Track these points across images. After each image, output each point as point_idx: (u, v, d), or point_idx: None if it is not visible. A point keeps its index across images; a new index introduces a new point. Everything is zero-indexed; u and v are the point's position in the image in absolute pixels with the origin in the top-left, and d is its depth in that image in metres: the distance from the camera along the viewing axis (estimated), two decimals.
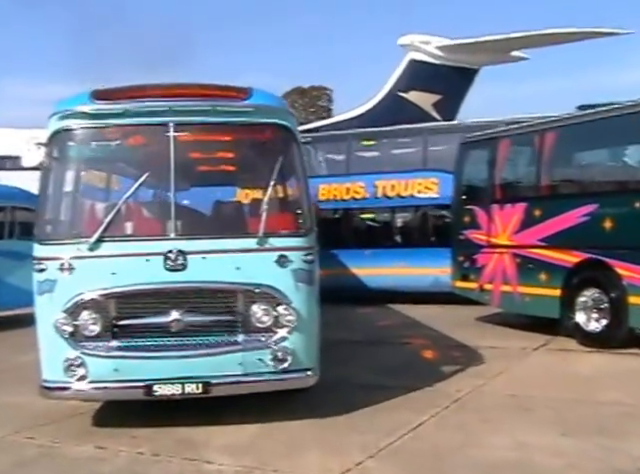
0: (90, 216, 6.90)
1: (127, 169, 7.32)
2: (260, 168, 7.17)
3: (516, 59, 43.13)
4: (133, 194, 6.53)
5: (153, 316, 6.30)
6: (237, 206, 7.59)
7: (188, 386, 6.29)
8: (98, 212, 6.87)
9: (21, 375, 9.34)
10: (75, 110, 6.50)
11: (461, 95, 43.17)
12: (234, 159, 7.93)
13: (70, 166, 6.80)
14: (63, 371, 6.32)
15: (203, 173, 8.31)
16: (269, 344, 6.37)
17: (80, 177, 6.94)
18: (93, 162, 7.10)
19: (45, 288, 6.35)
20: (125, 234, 6.58)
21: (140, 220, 6.92)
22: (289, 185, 6.74)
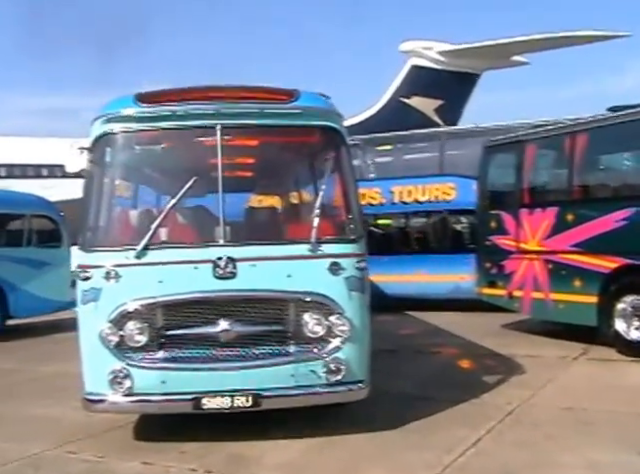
0: (136, 222, 6.65)
1: (173, 173, 7.06)
2: (309, 172, 6.93)
3: (517, 64, 43.20)
4: (180, 199, 6.26)
5: (201, 326, 6.05)
6: (287, 211, 7.34)
7: (238, 399, 6.03)
8: (144, 218, 6.62)
9: (49, 385, 9.17)
10: (119, 113, 6.26)
11: (463, 100, 43.22)
12: (282, 163, 7.70)
13: (114, 171, 6.54)
14: (108, 383, 6.06)
15: (251, 177, 8.06)
16: (321, 355, 6.13)
17: (125, 182, 6.70)
18: (138, 166, 6.85)
19: (90, 297, 6.10)
20: (172, 241, 6.33)
21: (187, 226, 6.69)
22: (339, 189, 6.48)
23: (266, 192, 9.00)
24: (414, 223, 17.20)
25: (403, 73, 41.26)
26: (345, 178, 6.49)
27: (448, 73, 40.81)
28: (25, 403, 8.23)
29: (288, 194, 8.38)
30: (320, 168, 6.45)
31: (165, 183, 7.19)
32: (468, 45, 40.28)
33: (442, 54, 40.64)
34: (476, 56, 41.15)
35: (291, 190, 8.21)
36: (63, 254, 15.20)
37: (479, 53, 40.53)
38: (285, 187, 8.47)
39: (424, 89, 40.39)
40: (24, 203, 14.99)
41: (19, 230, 14.59)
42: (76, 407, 7.61)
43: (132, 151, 6.49)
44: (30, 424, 7.29)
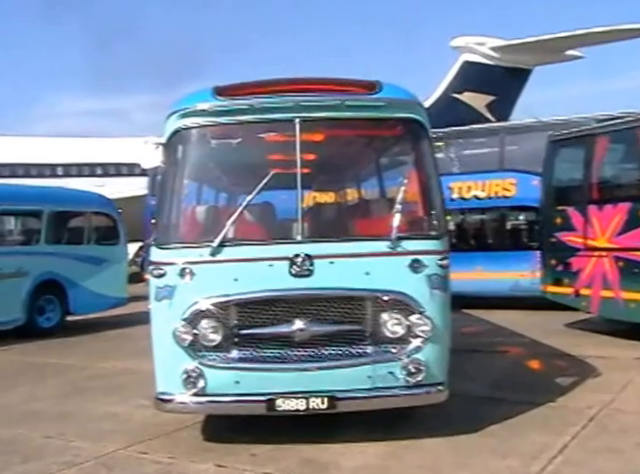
0: (211, 218, 6.49)
1: (251, 168, 6.90)
2: (392, 166, 6.71)
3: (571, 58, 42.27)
4: (257, 195, 6.10)
5: (276, 325, 5.88)
6: (366, 206, 7.12)
7: (313, 401, 5.85)
8: (220, 214, 6.49)
9: (112, 382, 9.14)
10: (195, 108, 6.11)
11: (515, 95, 42.47)
12: (364, 156, 7.49)
13: (190, 166, 6.40)
14: (181, 383, 5.93)
15: (331, 171, 7.87)
16: (401, 356, 5.91)
17: (201, 178, 6.56)
18: (214, 162, 6.70)
19: (164, 294, 5.97)
20: (248, 237, 6.17)
21: (264, 223, 6.51)
22: (422, 184, 6.25)
23: (345, 187, 8.81)
24: (472, 219, 16.91)
25: (455, 69, 40.71)
26: (428, 172, 6.25)
27: (500, 68, 40.15)
28: (91, 400, 8.18)
29: (367, 189, 8.15)
30: (402, 161, 6.23)
31: (241, 178, 7.03)
32: (521, 40, 39.55)
33: (494, 50, 39.99)
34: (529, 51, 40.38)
35: (370, 184, 7.99)
36: (121, 251, 15.31)
37: (532, 48, 39.76)
38: (364, 182, 8.24)
39: (476, 85, 39.81)
40: (84, 200, 15.10)
41: (79, 227, 14.72)
42: (141, 405, 7.65)
43: (208, 146, 6.33)
44: (99, 422, 7.21)
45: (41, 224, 13.80)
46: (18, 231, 14.91)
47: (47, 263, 13.70)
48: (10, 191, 14.61)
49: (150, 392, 8.06)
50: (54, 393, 8.66)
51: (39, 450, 6.37)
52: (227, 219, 6.05)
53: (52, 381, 9.38)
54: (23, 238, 14.53)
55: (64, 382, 9.31)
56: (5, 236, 14.20)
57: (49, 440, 6.64)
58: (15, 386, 9.15)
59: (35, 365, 10.79)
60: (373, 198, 7.72)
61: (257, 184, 6.08)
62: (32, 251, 13.70)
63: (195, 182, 6.56)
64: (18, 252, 13.61)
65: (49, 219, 13.83)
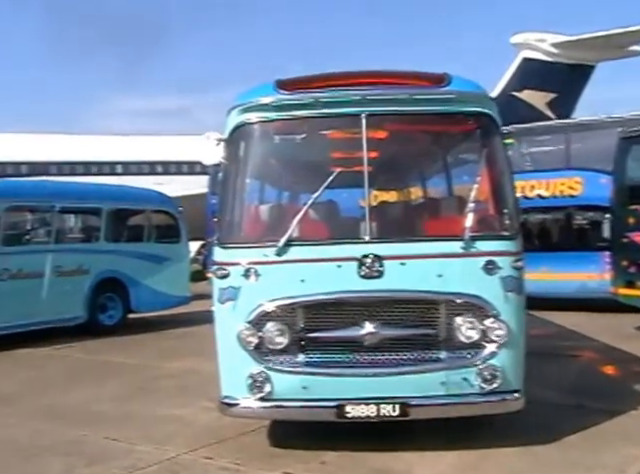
0: (275, 217, 6.31)
1: (315, 165, 6.71)
2: (462, 162, 6.44)
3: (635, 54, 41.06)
4: (323, 193, 5.89)
5: (345, 329, 5.66)
6: (435, 205, 6.86)
7: (384, 407, 5.62)
8: (284, 213, 6.31)
9: (176, 383, 9.05)
10: (258, 102, 5.92)
11: (577, 93, 41.47)
12: (431, 152, 7.23)
13: (253, 162, 6.22)
14: (246, 387, 5.76)
15: (398, 168, 7.62)
16: (475, 362, 5.64)
17: (263, 174, 6.38)
18: (277, 158, 6.52)
19: (228, 296, 5.81)
20: (315, 237, 5.97)
21: (330, 222, 6.30)
22: (494, 181, 5.97)
23: (412, 184, 8.55)
24: (536, 219, 16.43)
25: (514, 66, 39.92)
26: (500, 169, 5.97)
27: (561, 65, 39.22)
28: (156, 402, 8.09)
29: (435, 186, 7.89)
30: (473, 158, 5.96)
31: (304, 175, 6.83)
32: (584, 36, 38.58)
33: (556, 46, 39.07)
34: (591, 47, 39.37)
35: (439, 182, 7.73)
36: (182, 249, 15.29)
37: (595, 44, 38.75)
38: (432, 179, 7.99)
39: (536, 82, 38.97)
40: (144, 198, 15.11)
41: (140, 226, 14.76)
42: (205, 408, 7.52)
43: (271, 142, 6.15)
44: (163, 425, 7.10)
45: (101, 222, 13.88)
46: (78, 229, 15.01)
47: (108, 261, 13.77)
48: (70, 189, 14.73)
49: (214, 394, 7.97)
50: (118, 393, 8.61)
51: (103, 453, 6.28)
52: (292, 218, 5.86)
53: (116, 381, 9.33)
54: (83, 236, 14.62)
55: (128, 382, 9.26)
56: (66, 233, 14.26)
57: (113, 443, 6.56)
58: (80, 385, 9.14)
59: (99, 364, 10.80)
60: (442, 196, 7.43)
61: (321, 181, 5.87)
62: (92, 249, 13.80)
63: (257, 179, 6.38)
64: (79, 250, 13.71)
65: (109, 217, 13.89)
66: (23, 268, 12.54)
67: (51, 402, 8.26)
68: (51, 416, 7.61)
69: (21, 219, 13.85)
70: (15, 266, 12.42)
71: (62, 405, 8.12)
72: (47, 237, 13.33)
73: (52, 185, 15.70)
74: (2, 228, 12.48)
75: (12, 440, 6.76)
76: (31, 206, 13.44)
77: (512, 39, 40.19)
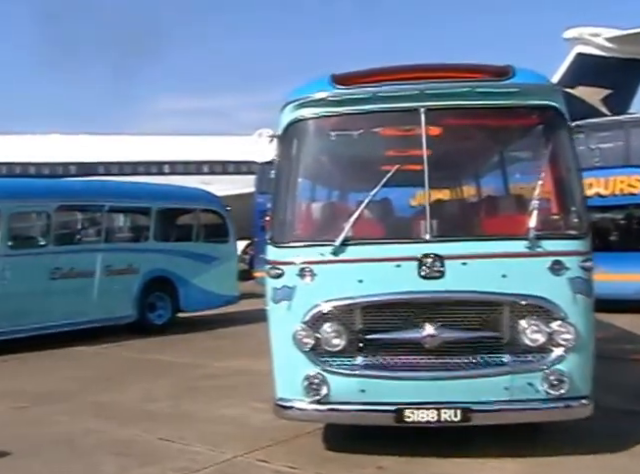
0: (331, 215, 6.15)
1: (371, 161, 6.54)
2: (527, 158, 6.20)
3: None
4: (380, 190, 5.70)
5: (404, 330, 5.47)
6: (497, 202, 6.62)
7: (445, 412, 5.41)
8: (340, 211, 6.14)
9: (227, 383, 8.98)
10: (313, 97, 5.76)
11: (633, 88, 40.44)
12: (494, 148, 6.99)
13: (307, 159, 6.06)
14: (302, 390, 5.61)
15: (459, 165, 7.40)
16: (541, 366, 5.39)
17: (318, 171, 6.22)
18: (332, 154, 6.34)
19: (282, 295, 5.66)
20: (372, 236, 5.80)
21: (389, 220, 6.12)
22: (561, 178, 5.72)
23: (473, 181, 8.31)
24: (595, 218, 15.96)
25: (567, 62, 39.15)
26: (568, 165, 5.71)
27: (617, 60, 38.26)
28: (207, 401, 8.00)
29: (498, 183, 7.64)
30: (541, 153, 5.71)
31: (361, 172, 6.65)
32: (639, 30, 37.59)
33: (610, 40, 38.14)
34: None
35: (501, 179, 7.48)
36: (230, 249, 15.24)
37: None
38: (494, 176, 7.73)
39: (590, 78, 38.09)
40: (194, 198, 15.09)
41: (189, 225, 14.74)
42: (258, 408, 7.42)
43: (326, 138, 5.97)
44: (216, 425, 7.00)
45: (150, 221, 13.90)
46: (128, 228, 15.03)
47: (156, 260, 13.78)
48: (120, 188, 14.79)
49: (265, 394, 7.85)
50: (169, 392, 8.55)
51: (156, 453, 6.20)
52: (348, 216, 5.69)
53: (167, 380, 9.29)
54: (133, 235, 14.62)
55: (178, 381, 9.20)
56: (115, 233, 14.29)
57: (166, 443, 6.47)
58: (131, 384, 9.10)
59: (149, 362, 10.78)
60: (505, 194, 7.18)
61: (378, 178, 5.70)
62: (142, 248, 13.81)
63: (312, 176, 6.22)
64: (128, 249, 13.73)
65: (158, 216, 13.90)
66: (74, 267, 12.61)
67: (103, 401, 8.24)
68: (103, 415, 7.57)
69: (71, 219, 13.92)
70: (66, 265, 12.50)
71: (114, 404, 8.09)
72: (97, 236, 13.39)
73: (102, 185, 15.79)
74: (53, 228, 12.59)
75: (65, 438, 6.72)
76: (81, 206, 13.49)
77: (565, 34, 39.41)
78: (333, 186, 6.69)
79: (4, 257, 11.71)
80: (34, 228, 13.44)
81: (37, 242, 12.70)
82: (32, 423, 7.31)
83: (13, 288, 11.66)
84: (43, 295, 12.04)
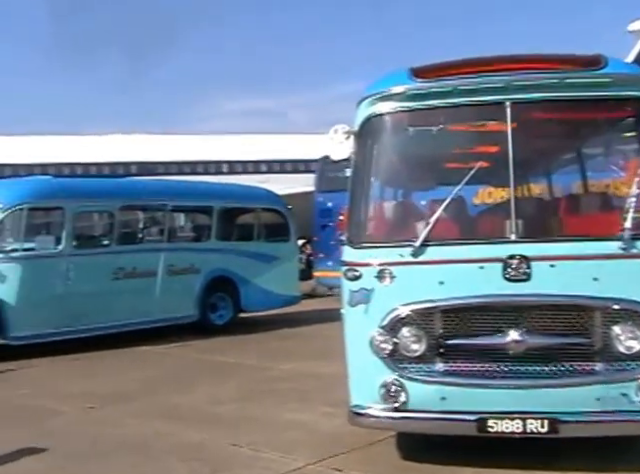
0: (411, 214, 5.93)
1: (453, 158, 6.29)
2: (618, 153, 5.86)
3: None
4: (462, 188, 5.45)
5: (487, 336, 5.20)
6: (588, 200, 6.28)
7: (531, 423, 5.12)
8: (420, 210, 5.90)
9: (293, 386, 8.82)
10: (391, 91, 5.52)
11: None
12: (582, 143, 6.66)
13: (385, 157, 5.84)
14: (379, 396, 5.38)
15: (545, 160, 7.08)
16: (637, 375, 5.06)
17: (397, 169, 5.99)
18: (411, 151, 6.09)
19: (359, 298, 5.45)
20: (454, 236, 5.55)
21: (471, 219, 5.87)
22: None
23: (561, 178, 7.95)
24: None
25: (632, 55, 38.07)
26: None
27: None
28: (275, 405, 7.85)
29: (589, 180, 7.29)
30: (632, 148, 5.36)
31: (441, 169, 6.41)
32: None
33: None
34: None
35: (590, 175, 7.14)
36: (291, 248, 15.11)
37: None
38: (583, 171, 7.38)
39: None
40: (255, 197, 15.01)
41: (250, 224, 14.63)
42: (328, 413, 7.25)
43: (405, 134, 5.74)
44: (285, 431, 6.83)
45: (211, 221, 13.82)
46: (189, 227, 15.01)
47: (218, 260, 13.70)
48: (182, 188, 14.77)
49: (334, 398, 7.71)
50: (236, 395, 8.42)
51: (227, 459, 6.06)
52: (428, 215, 5.46)
53: (232, 382, 9.17)
54: (194, 234, 14.59)
55: (244, 383, 9.08)
56: (177, 232, 14.30)
57: (237, 449, 6.33)
58: (197, 385, 9.01)
59: (213, 363, 10.69)
60: (594, 191, 6.83)
61: (459, 176, 5.45)
62: (203, 248, 13.75)
63: (390, 174, 5.99)
64: (190, 249, 13.72)
65: (219, 215, 13.83)
66: (137, 267, 12.63)
67: (170, 402, 8.16)
68: (171, 417, 7.48)
69: (134, 218, 13.97)
70: (129, 265, 12.53)
71: (181, 406, 8.00)
72: (160, 236, 13.40)
73: (164, 184, 15.83)
74: (116, 227, 12.61)
75: (134, 441, 6.65)
76: (144, 205, 13.54)
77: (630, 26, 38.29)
78: (411, 184, 6.44)
79: (68, 257, 11.77)
80: (98, 228, 13.56)
81: (100, 242, 12.80)
82: (101, 425, 7.26)
83: (77, 288, 11.73)
84: (106, 295, 12.08)
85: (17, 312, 11.15)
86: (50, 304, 11.49)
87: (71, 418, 7.59)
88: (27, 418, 7.57)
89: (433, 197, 5.96)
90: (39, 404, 8.20)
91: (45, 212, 12.77)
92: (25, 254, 11.39)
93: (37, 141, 30.33)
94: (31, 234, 11.84)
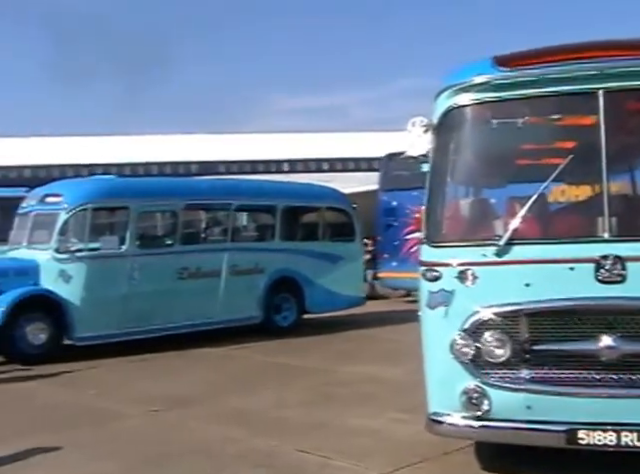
0: (494, 212, 5.59)
1: (539, 152, 5.93)
2: None
3: None
4: (534, 186, 5.09)
5: (577, 341, 4.83)
6: None
7: (626, 435, 4.73)
8: (503, 207, 5.56)
9: (359, 390, 8.60)
10: (474, 81, 5.18)
11: None
12: None
13: (467, 150, 5.51)
14: (460, 404, 5.07)
15: None
16: None
17: (479, 164, 5.66)
18: (495, 145, 5.76)
19: (439, 300, 5.14)
20: (540, 235, 5.21)
21: (559, 217, 5.50)
22: None
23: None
24: None
25: None
26: None
27: None
28: (342, 410, 7.59)
29: None
30: None
31: (527, 164, 6.05)
32: None
33: None
34: None
35: None
36: (356, 248, 14.80)
37: None
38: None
39: None
40: (319, 195, 14.69)
41: (314, 223, 14.35)
42: (397, 419, 6.99)
43: (488, 127, 5.39)
44: (356, 437, 6.56)
45: (275, 220, 13.61)
46: (253, 227, 14.79)
47: (282, 260, 13.46)
48: (245, 187, 14.61)
49: (404, 404, 7.43)
50: (302, 399, 8.19)
51: (297, 467, 5.84)
52: (513, 213, 5.12)
53: (298, 385, 8.94)
54: (258, 234, 14.36)
55: (310, 387, 8.83)
56: (241, 232, 14.09)
57: (306, 456, 6.09)
58: (262, 389, 8.81)
59: (277, 366, 10.47)
60: None
61: (545, 170, 5.10)
62: (267, 247, 13.51)
63: (472, 169, 5.67)
64: (254, 248, 13.48)
65: (283, 215, 13.60)
66: (201, 267, 12.49)
67: (235, 406, 7.97)
68: (237, 421, 7.29)
69: (198, 217, 13.85)
70: (193, 265, 12.40)
71: (247, 410, 7.80)
72: (223, 236, 13.22)
73: (228, 183, 15.70)
74: (180, 227, 12.52)
75: (201, 447, 6.47)
76: (208, 204, 13.39)
77: None
78: (494, 179, 6.09)
79: (132, 257, 11.71)
80: (161, 227, 13.48)
81: (164, 241, 12.70)
82: (168, 429, 7.12)
83: (141, 288, 11.66)
84: (170, 295, 11.97)
85: (82, 313, 11.13)
86: (114, 305, 11.45)
87: (137, 421, 7.45)
88: (94, 420, 7.49)
89: (514, 193, 5.62)
90: (105, 406, 8.11)
91: (109, 212, 12.72)
92: (90, 254, 11.35)
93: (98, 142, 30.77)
94: (95, 234, 11.79)
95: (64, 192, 11.72)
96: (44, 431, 7.06)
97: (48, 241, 11.30)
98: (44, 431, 7.06)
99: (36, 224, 11.75)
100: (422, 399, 7.44)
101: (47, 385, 9.42)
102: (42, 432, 7.02)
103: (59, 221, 11.24)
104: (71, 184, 13.24)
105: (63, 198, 11.46)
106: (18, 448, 6.36)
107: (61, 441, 6.60)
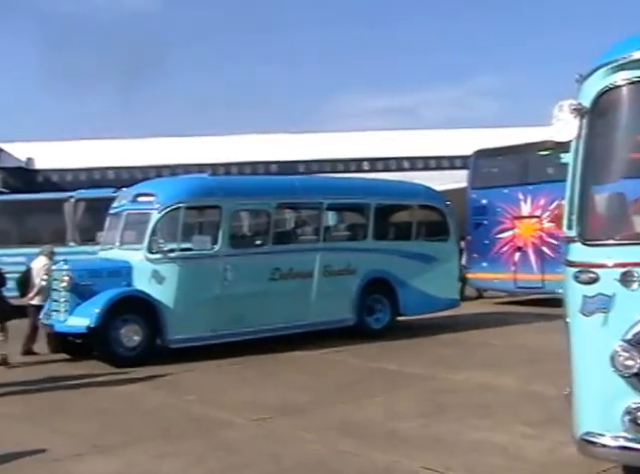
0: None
1: None
2: None
3: None
4: None
5: None
6: None
7: None
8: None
9: (473, 400, 8.13)
10: (631, 57, 4.59)
11: None
12: None
13: (626, 136, 4.91)
14: (622, 424, 4.47)
15: None
16: None
17: None
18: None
19: (597, 306, 4.54)
20: None
21: None
22: None
23: None
24: None
25: None
26: None
27: None
28: (459, 422, 7.04)
29: None
30: None
31: None
32: None
33: None
34: None
35: None
36: (451, 248, 14.19)
37: None
38: None
39: None
40: (412, 193, 14.12)
41: (407, 222, 13.81)
42: (526, 435, 6.46)
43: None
44: (483, 454, 6.02)
45: (367, 219, 13.11)
46: (345, 226, 14.25)
47: (375, 260, 12.95)
48: (337, 185, 14.15)
49: (529, 417, 6.87)
50: (413, 409, 7.66)
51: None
52: None
53: (404, 393, 8.44)
54: (350, 234, 13.79)
55: (418, 395, 8.32)
56: (333, 231, 13.58)
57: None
58: (368, 397, 8.32)
59: (378, 372, 9.96)
60: None
61: None
62: (359, 247, 13.01)
63: (633, 157, 5.06)
64: (346, 248, 12.97)
65: (376, 213, 13.07)
66: (293, 267, 12.09)
67: (344, 416, 7.50)
68: (349, 433, 6.82)
69: (290, 217, 13.47)
70: (285, 265, 12.01)
71: (357, 420, 7.33)
72: (315, 235, 12.78)
73: (320, 181, 15.28)
74: (272, 226, 12.14)
75: (315, 460, 6.06)
76: (300, 203, 13.01)
77: None
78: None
79: (225, 257, 11.38)
80: (253, 227, 13.13)
81: (256, 241, 12.33)
82: (277, 439, 6.71)
83: (234, 289, 11.32)
84: (263, 297, 11.61)
85: (175, 314, 10.86)
86: (207, 306, 11.14)
87: (244, 430, 7.06)
88: (198, 428, 7.16)
89: None
90: (206, 412, 7.78)
91: (201, 211, 12.44)
92: (183, 254, 11.06)
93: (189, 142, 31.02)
94: (188, 234, 11.50)
95: (157, 191, 11.48)
96: (156, 439, 6.84)
97: (140, 241, 11.07)
98: (156, 439, 6.84)
99: (128, 224, 11.56)
100: (548, 412, 6.90)
101: (149, 389, 9.17)
102: (154, 440, 6.79)
103: (152, 221, 11.00)
104: (164, 183, 13.03)
105: (156, 197, 11.22)
106: (139, 459, 6.17)
107: (179, 452, 6.38)
